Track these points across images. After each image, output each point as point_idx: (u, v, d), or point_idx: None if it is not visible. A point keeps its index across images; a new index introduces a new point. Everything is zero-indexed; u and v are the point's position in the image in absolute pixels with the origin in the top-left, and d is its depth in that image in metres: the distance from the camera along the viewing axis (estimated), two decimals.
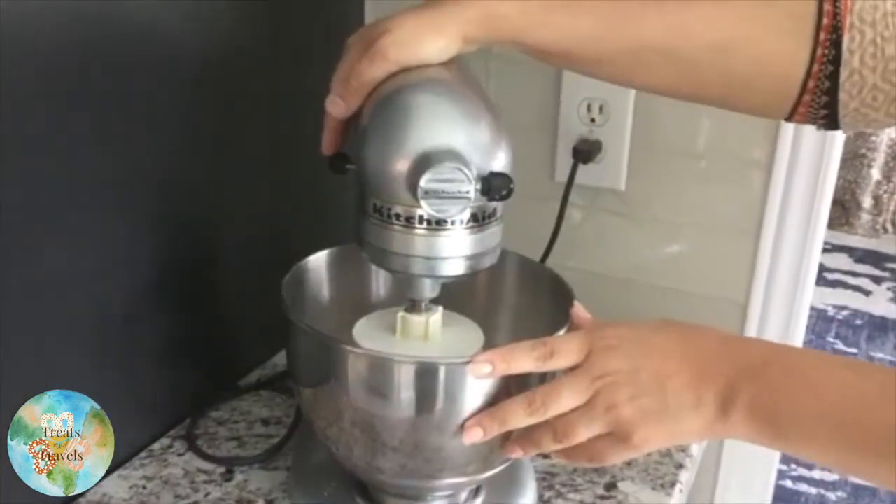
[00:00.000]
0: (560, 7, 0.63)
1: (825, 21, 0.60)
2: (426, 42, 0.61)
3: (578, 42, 0.63)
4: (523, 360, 0.63)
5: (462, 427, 0.64)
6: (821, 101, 0.62)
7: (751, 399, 0.57)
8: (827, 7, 0.60)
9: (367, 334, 0.72)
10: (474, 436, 0.63)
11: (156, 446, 0.85)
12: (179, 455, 0.84)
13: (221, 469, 0.82)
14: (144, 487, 0.79)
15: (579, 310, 0.70)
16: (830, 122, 0.64)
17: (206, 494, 0.79)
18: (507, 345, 0.64)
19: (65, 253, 0.72)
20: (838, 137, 0.95)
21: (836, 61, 0.61)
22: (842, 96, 0.61)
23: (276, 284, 0.71)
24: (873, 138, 3.75)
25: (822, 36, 0.60)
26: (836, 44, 0.60)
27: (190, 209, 0.86)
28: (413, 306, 0.70)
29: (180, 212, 0.84)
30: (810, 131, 0.94)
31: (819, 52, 0.61)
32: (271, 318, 0.71)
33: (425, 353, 0.69)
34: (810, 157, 0.95)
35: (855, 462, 0.56)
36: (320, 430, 0.71)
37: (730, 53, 0.63)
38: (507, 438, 0.66)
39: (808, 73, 0.62)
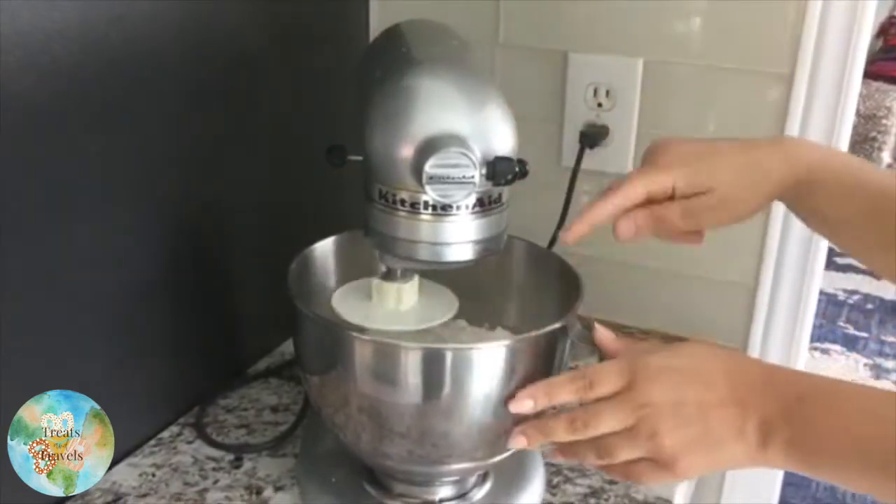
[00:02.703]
0: None
1: None
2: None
3: None
4: (564, 392, 0.64)
5: (506, 433, 0.66)
6: None
7: (787, 438, 0.58)
8: None
9: (344, 301, 0.73)
10: (518, 443, 0.65)
11: (165, 434, 0.85)
12: (188, 443, 0.84)
13: (230, 456, 0.82)
14: (154, 475, 0.79)
15: (602, 333, 0.69)
16: None
17: (215, 482, 0.79)
18: (544, 379, 0.65)
19: (70, 247, 0.72)
20: (847, 121, 0.94)
21: None
22: None
23: (283, 272, 0.71)
24: (885, 122, 3.72)
25: None
26: None
27: (196, 200, 0.86)
28: (388, 274, 0.70)
29: (187, 203, 0.84)
30: (817, 116, 0.93)
31: None
32: (279, 306, 0.71)
33: (399, 320, 0.70)
34: (818, 142, 0.94)
35: (887, 492, 0.56)
36: (328, 417, 0.71)
37: None
38: (516, 424, 0.66)
39: None
